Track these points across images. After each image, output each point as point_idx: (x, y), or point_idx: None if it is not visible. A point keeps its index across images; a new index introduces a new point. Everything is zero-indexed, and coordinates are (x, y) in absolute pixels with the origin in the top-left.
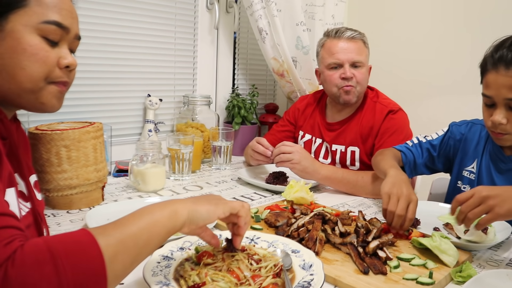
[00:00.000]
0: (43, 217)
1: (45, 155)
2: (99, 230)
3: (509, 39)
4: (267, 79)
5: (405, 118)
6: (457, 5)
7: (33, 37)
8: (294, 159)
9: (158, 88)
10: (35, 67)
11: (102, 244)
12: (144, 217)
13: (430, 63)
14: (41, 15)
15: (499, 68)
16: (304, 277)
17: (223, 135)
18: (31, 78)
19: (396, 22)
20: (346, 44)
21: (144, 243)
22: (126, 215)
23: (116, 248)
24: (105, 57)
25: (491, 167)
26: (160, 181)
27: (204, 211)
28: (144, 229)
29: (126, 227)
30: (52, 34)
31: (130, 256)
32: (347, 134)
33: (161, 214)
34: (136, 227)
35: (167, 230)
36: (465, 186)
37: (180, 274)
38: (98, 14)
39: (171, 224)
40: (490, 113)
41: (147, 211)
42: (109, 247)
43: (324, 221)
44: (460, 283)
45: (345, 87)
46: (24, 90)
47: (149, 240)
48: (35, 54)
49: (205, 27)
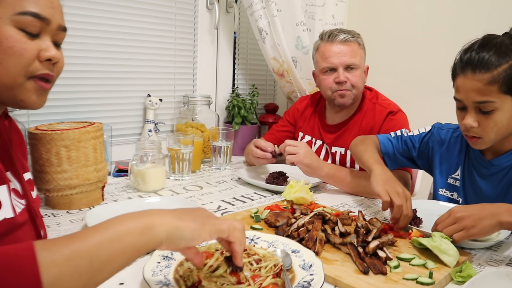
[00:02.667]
0: (39, 214)
1: (45, 155)
2: (46, 244)
3: (476, 43)
4: (267, 79)
5: (405, 119)
6: (457, 5)
7: (8, 29)
8: (300, 153)
9: (158, 88)
10: (12, 60)
11: (43, 262)
12: (109, 229)
13: (430, 63)
14: (16, 6)
15: (466, 71)
16: (304, 277)
17: (223, 135)
18: (9, 73)
19: (396, 22)
20: (339, 47)
21: (101, 263)
22: (93, 226)
23: (61, 268)
24: (105, 57)
25: (474, 173)
26: (160, 181)
27: (187, 231)
28: (103, 244)
29: (81, 241)
30: (30, 26)
31: (81, 279)
32: (346, 136)
33: (132, 227)
34: (94, 241)
35: (136, 248)
36: (452, 193)
37: (180, 274)
38: (98, 14)
39: (143, 241)
40: (463, 116)
41: (116, 221)
42: (51, 267)
43: (324, 221)
44: (460, 283)
45: (339, 91)
46: (2, 87)
47: (109, 259)
48: (12, 47)
49: (205, 27)
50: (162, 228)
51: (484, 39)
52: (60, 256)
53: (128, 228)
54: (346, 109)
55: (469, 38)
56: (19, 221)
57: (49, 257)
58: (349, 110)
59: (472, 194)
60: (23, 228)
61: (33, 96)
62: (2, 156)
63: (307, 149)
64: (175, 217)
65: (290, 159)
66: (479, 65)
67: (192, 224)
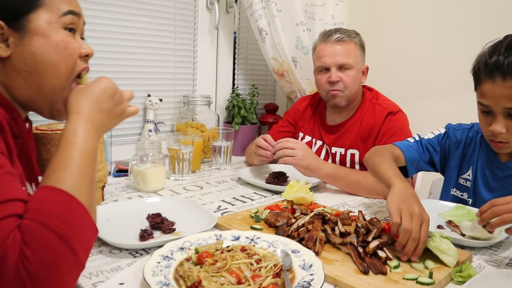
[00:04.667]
0: None
1: (45, 155)
2: (54, 179)
3: (500, 45)
4: (267, 79)
5: (405, 119)
6: (457, 4)
7: (59, 32)
8: (298, 155)
9: (158, 88)
10: (65, 61)
11: (70, 190)
12: (74, 149)
13: (431, 62)
14: (58, 9)
15: (495, 78)
16: (304, 277)
17: (223, 135)
18: (60, 74)
19: (396, 22)
20: (333, 47)
21: (89, 166)
22: (58, 149)
23: (81, 187)
24: (105, 57)
25: (488, 174)
26: (160, 181)
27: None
28: (82, 160)
29: (69, 167)
30: (70, 23)
31: (90, 180)
32: (346, 136)
33: (81, 139)
34: (76, 164)
35: (96, 144)
36: (462, 194)
37: (180, 274)
38: (98, 14)
39: (92, 143)
40: (488, 121)
41: (71, 142)
42: (75, 189)
43: (324, 221)
44: (460, 283)
45: (331, 91)
46: (50, 87)
47: (89, 161)
48: (66, 48)
49: (205, 27)
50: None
51: (510, 41)
52: (73, 180)
53: (80, 140)
54: (346, 110)
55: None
56: None
57: (67, 185)
58: (349, 110)
59: (483, 195)
60: None
61: None
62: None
63: (305, 151)
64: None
65: (288, 161)
66: (510, 70)
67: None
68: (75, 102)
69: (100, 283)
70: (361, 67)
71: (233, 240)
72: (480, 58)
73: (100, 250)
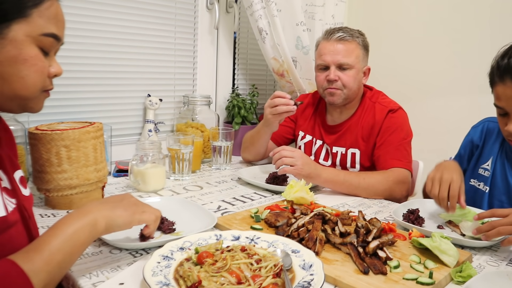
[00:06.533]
0: (31, 214)
1: (45, 155)
2: (23, 258)
3: (511, 47)
4: (267, 79)
5: (405, 116)
6: (457, 4)
7: (32, 48)
8: (298, 164)
9: (158, 88)
10: (34, 77)
11: (29, 272)
12: (65, 230)
13: (431, 62)
14: (42, 28)
15: (505, 80)
16: (304, 277)
17: (223, 135)
18: (28, 87)
19: (397, 22)
20: (335, 45)
21: (68, 257)
22: (46, 231)
23: (43, 270)
24: (105, 57)
25: (507, 165)
26: (160, 181)
27: (120, 221)
28: (64, 245)
29: (47, 248)
30: (48, 45)
31: (59, 269)
32: (347, 136)
33: (80, 225)
34: (56, 245)
35: (87, 241)
36: (479, 183)
37: (180, 274)
38: (98, 14)
39: (90, 236)
40: (505, 121)
41: (66, 223)
42: (36, 274)
43: (324, 221)
44: (460, 283)
45: (329, 89)
46: (18, 96)
47: (72, 253)
48: (35, 65)
49: (205, 27)
50: (102, 222)
51: None
52: (40, 262)
53: (77, 229)
54: (346, 109)
55: (469, 38)
56: (11, 220)
57: (32, 267)
58: (349, 110)
59: (500, 186)
60: (15, 227)
61: (41, 104)
62: None
63: (304, 159)
64: (110, 209)
65: (288, 171)
66: None
67: (124, 213)
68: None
69: (100, 283)
70: (362, 67)
71: (233, 240)
72: (494, 61)
73: (100, 250)
